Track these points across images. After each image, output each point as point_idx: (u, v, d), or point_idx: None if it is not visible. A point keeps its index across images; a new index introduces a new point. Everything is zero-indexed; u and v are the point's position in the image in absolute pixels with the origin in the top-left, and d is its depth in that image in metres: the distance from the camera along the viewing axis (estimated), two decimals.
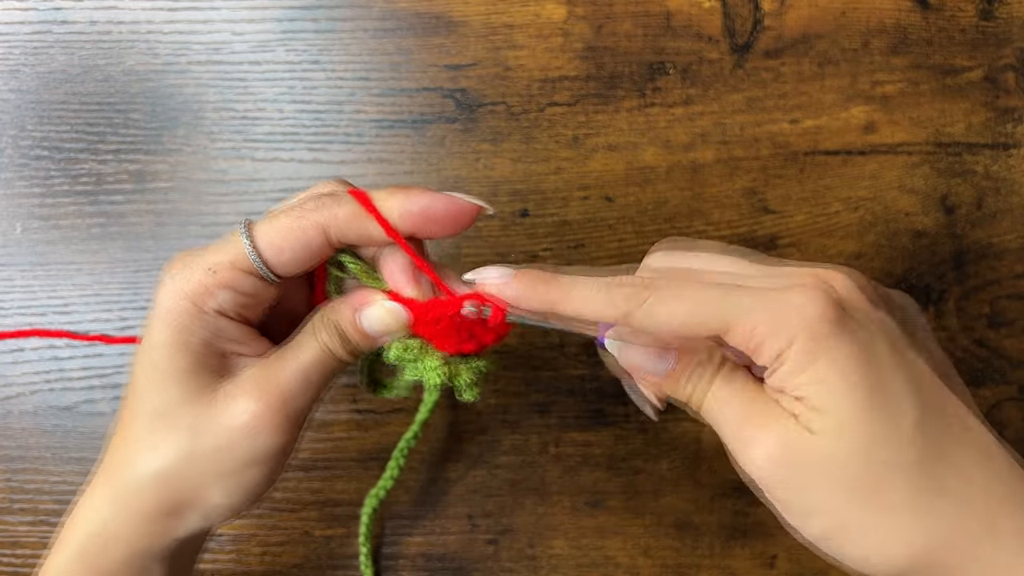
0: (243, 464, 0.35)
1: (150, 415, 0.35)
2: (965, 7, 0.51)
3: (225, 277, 0.34)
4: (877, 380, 0.30)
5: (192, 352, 0.34)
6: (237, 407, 0.34)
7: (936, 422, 0.31)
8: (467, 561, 0.51)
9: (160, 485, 0.35)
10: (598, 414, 0.51)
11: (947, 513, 0.30)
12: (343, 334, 0.35)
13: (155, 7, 0.51)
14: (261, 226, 0.34)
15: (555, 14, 0.51)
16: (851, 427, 0.30)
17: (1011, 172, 0.51)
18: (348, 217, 0.34)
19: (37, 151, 0.51)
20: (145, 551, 0.36)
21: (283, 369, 0.35)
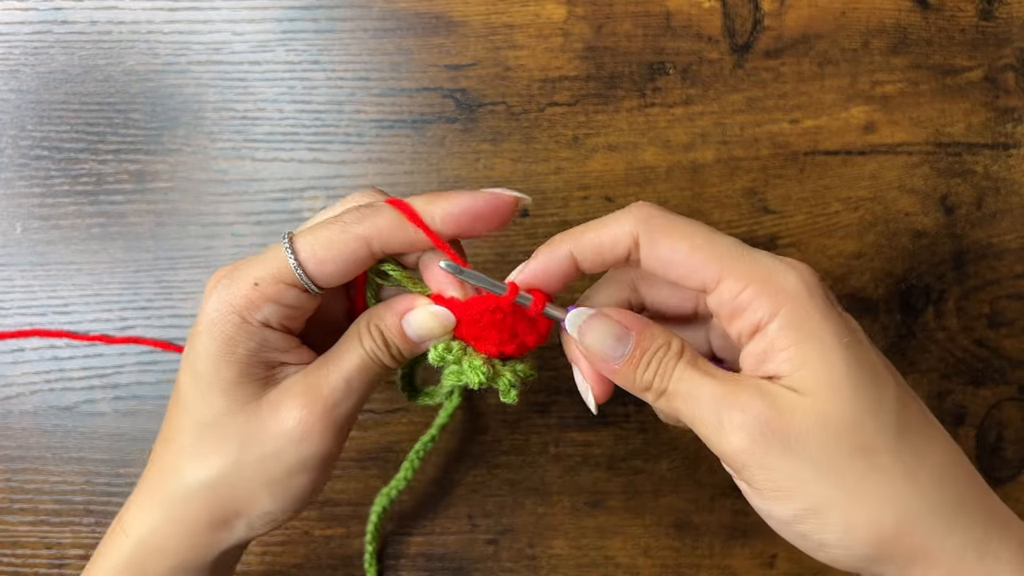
0: (291, 471, 0.35)
1: (197, 425, 0.35)
2: (965, 7, 0.51)
3: (270, 290, 0.34)
4: (862, 353, 0.32)
5: (238, 363, 0.34)
6: (283, 414, 0.35)
7: (911, 404, 0.33)
8: (467, 561, 0.51)
9: (208, 495, 0.35)
10: (598, 414, 0.51)
11: (929, 481, 0.31)
12: (387, 339, 0.36)
13: (155, 7, 0.51)
14: (304, 239, 0.34)
15: (555, 14, 0.51)
16: (842, 394, 0.31)
17: (1011, 172, 0.51)
18: (390, 227, 0.34)
19: (37, 151, 0.51)
20: (191, 562, 0.36)
21: (327, 376, 0.35)
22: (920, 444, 0.31)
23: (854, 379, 0.31)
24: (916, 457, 0.31)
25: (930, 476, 0.31)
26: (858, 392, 0.31)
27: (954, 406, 0.51)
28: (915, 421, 0.32)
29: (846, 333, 0.31)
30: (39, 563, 0.51)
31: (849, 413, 0.30)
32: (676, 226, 0.33)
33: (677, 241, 0.33)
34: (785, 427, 0.30)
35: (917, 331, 0.51)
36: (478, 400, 0.51)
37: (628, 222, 0.33)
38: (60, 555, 0.51)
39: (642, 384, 0.34)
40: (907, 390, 0.33)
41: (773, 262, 0.32)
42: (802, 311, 0.31)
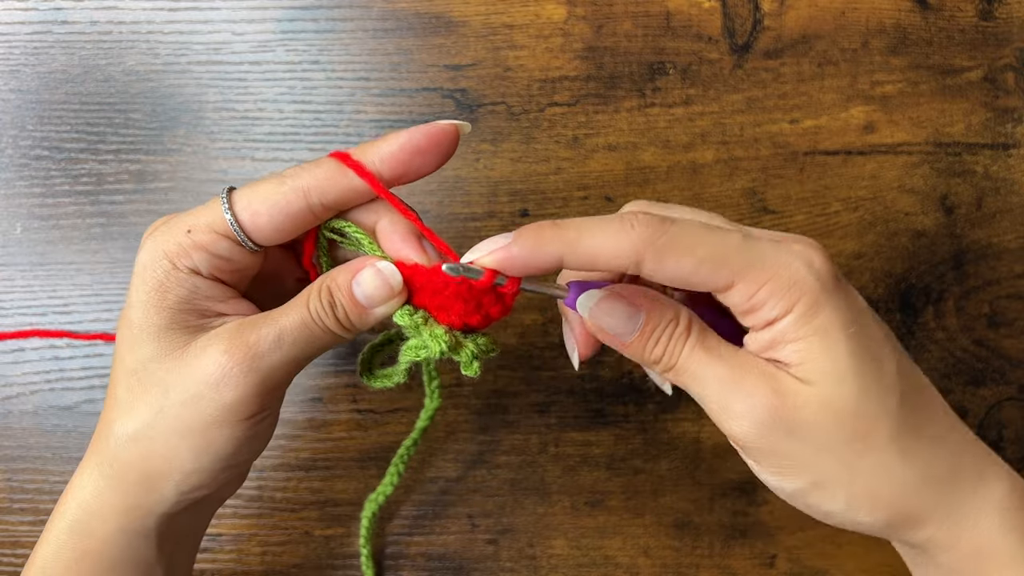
0: (208, 421, 0.34)
1: (127, 375, 0.35)
2: (965, 7, 0.51)
3: (201, 238, 0.34)
4: (867, 340, 0.33)
5: (167, 309, 0.34)
6: (204, 359, 0.34)
7: (910, 381, 0.34)
8: (467, 561, 0.51)
9: (134, 448, 0.34)
10: (598, 414, 0.51)
11: (923, 456, 0.33)
12: (334, 301, 0.34)
13: (155, 7, 0.51)
14: (241, 192, 0.34)
15: (555, 14, 0.51)
16: (847, 378, 0.32)
17: (1011, 172, 0.51)
18: (328, 177, 0.33)
19: (37, 151, 0.51)
20: (130, 526, 0.36)
21: (260, 326, 0.34)
22: (916, 422, 0.33)
23: (856, 369, 0.32)
24: (911, 434, 0.33)
25: (924, 451, 0.33)
26: (859, 381, 0.32)
27: (954, 406, 0.51)
28: (912, 399, 0.33)
29: (851, 323, 0.32)
30: None
31: (851, 402, 0.32)
32: (679, 241, 0.32)
33: (682, 257, 0.32)
34: (789, 414, 0.32)
35: (917, 331, 0.51)
36: (478, 400, 0.51)
37: (628, 240, 0.32)
38: None
39: (651, 359, 0.34)
40: (907, 368, 0.34)
41: (782, 255, 0.32)
42: (814, 305, 0.32)
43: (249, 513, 0.51)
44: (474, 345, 0.35)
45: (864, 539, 0.50)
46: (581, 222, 0.32)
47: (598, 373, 0.51)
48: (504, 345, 0.51)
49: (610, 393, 0.51)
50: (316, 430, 0.51)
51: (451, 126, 0.34)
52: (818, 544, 0.51)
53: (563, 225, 0.32)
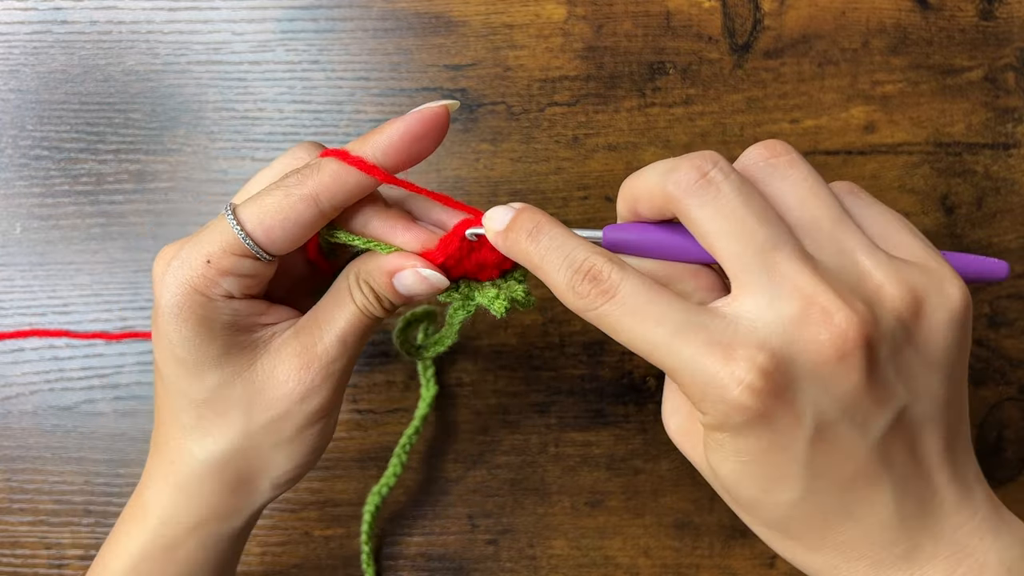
0: (300, 428, 0.36)
1: (196, 404, 0.35)
2: (965, 7, 0.51)
3: (223, 265, 0.33)
4: (776, 460, 0.29)
5: (218, 338, 0.34)
6: (282, 378, 0.35)
7: (822, 497, 0.30)
8: (467, 561, 0.51)
9: (223, 467, 0.36)
10: (598, 414, 0.51)
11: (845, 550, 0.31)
12: (378, 295, 0.35)
13: (155, 7, 0.51)
14: (248, 209, 0.33)
15: (555, 14, 0.51)
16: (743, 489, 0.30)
17: (1011, 172, 0.51)
18: (334, 180, 0.33)
19: (37, 151, 0.51)
20: (217, 532, 0.37)
21: (322, 335, 0.35)
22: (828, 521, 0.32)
23: (758, 485, 0.30)
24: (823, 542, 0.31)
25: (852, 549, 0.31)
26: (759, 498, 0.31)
27: None
28: (821, 516, 0.31)
29: (763, 442, 0.29)
30: (39, 563, 0.51)
31: (743, 505, 0.32)
32: (626, 306, 0.29)
33: (626, 327, 0.30)
34: (700, 462, 0.33)
35: None
36: (478, 400, 0.51)
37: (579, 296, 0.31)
38: (59, 555, 0.51)
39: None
40: (823, 476, 0.30)
41: (701, 359, 0.28)
42: (732, 425, 0.29)
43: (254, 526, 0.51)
44: (517, 283, 0.36)
45: None
46: (549, 248, 0.32)
47: (598, 373, 0.51)
48: (504, 345, 0.51)
49: (610, 393, 0.51)
50: None
51: (442, 107, 0.34)
52: None
53: (537, 242, 0.32)
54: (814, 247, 0.29)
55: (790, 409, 0.28)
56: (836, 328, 0.27)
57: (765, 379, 0.27)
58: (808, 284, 0.27)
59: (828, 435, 0.28)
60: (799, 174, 0.30)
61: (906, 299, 0.28)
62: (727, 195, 0.29)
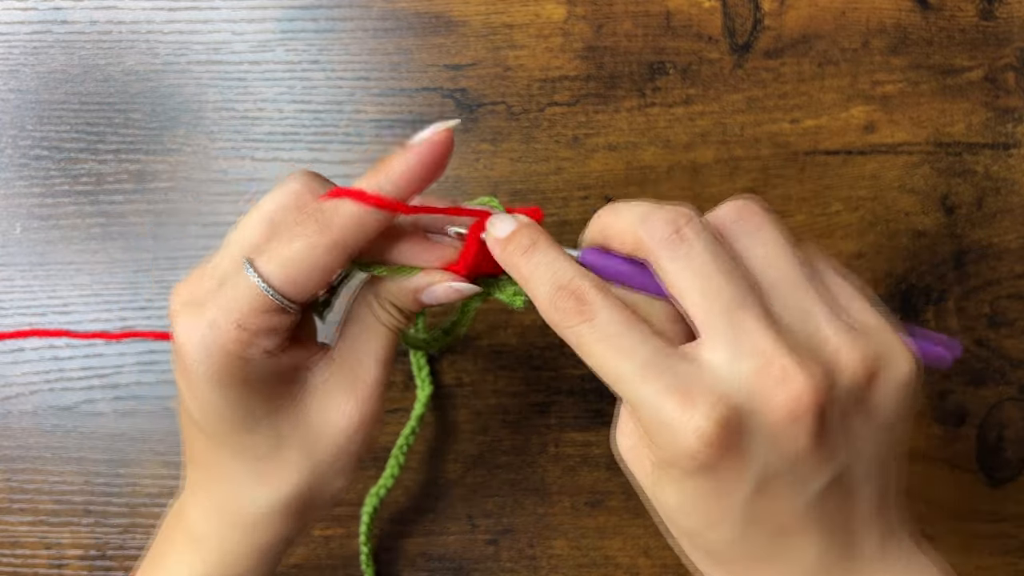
0: (356, 453, 0.37)
1: (248, 458, 0.35)
2: (965, 7, 0.51)
3: (255, 326, 0.32)
4: (714, 513, 0.30)
5: (263, 396, 0.34)
6: (336, 415, 0.35)
7: (754, 540, 0.31)
8: (467, 561, 0.51)
9: (289, 509, 0.36)
10: (598, 414, 0.51)
11: None
12: (400, 311, 0.36)
13: (155, 7, 0.51)
14: (270, 265, 0.32)
15: (555, 14, 0.51)
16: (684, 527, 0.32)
17: (1011, 172, 0.51)
18: (355, 222, 0.33)
19: (37, 151, 0.51)
20: (277, 553, 0.39)
21: (361, 362, 0.36)
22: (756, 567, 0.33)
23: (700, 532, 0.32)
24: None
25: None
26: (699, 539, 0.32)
27: (954, 406, 0.51)
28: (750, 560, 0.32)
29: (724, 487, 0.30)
30: (39, 563, 0.51)
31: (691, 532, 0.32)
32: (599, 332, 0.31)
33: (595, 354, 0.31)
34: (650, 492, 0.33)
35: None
36: (478, 400, 0.51)
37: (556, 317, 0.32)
38: (60, 555, 0.51)
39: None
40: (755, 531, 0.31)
41: (666, 414, 0.29)
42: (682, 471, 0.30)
43: None
44: None
45: None
46: (537, 265, 0.32)
47: None
48: (504, 345, 0.51)
49: (610, 393, 0.51)
50: None
51: (446, 131, 0.34)
52: None
53: (529, 258, 0.33)
54: (778, 307, 0.30)
55: (738, 461, 0.29)
56: (792, 390, 0.28)
57: (719, 430, 0.28)
58: (769, 345, 0.28)
59: (769, 488, 0.29)
60: (768, 235, 0.32)
61: (861, 367, 0.29)
62: (698, 253, 0.30)
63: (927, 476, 0.51)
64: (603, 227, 0.33)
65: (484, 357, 0.51)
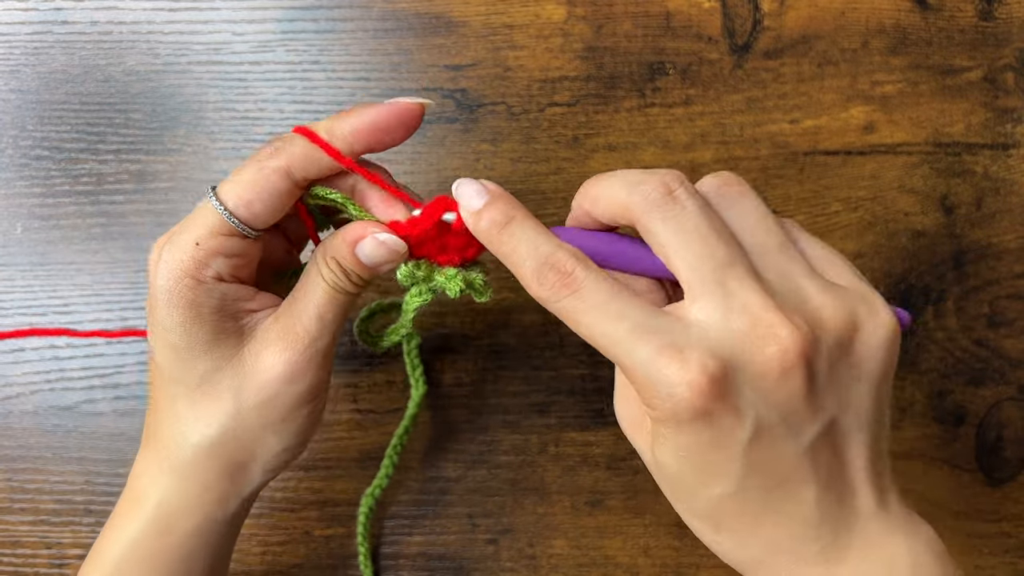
0: (291, 409, 0.37)
1: (188, 389, 0.36)
2: (965, 7, 0.51)
3: (212, 245, 0.35)
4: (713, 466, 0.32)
5: (209, 322, 0.35)
6: (269, 360, 0.36)
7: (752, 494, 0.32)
8: (467, 561, 0.51)
9: (217, 451, 0.37)
10: (598, 414, 0.51)
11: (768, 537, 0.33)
12: (344, 269, 0.36)
13: (156, 7, 0.51)
14: (226, 187, 0.35)
15: (555, 14, 0.51)
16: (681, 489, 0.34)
17: (1010, 172, 0.51)
18: (305, 154, 0.35)
19: (38, 151, 0.51)
20: (212, 516, 0.38)
21: (300, 315, 0.36)
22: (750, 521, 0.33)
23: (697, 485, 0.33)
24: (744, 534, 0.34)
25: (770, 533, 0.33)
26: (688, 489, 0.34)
27: (954, 406, 0.51)
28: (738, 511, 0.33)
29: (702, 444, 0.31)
30: (39, 563, 0.51)
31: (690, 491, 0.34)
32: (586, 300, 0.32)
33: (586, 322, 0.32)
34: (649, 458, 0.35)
35: (917, 331, 0.51)
36: (478, 400, 0.51)
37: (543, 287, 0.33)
38: (60, 555, 0.51)
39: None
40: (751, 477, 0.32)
41: (654, 368, 0.30)
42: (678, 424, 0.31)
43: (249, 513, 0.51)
44: (479, 274, 0.37)
45: None
46: (520, 238, 0.33)
47: (598, 373, 0.51)
48: (504, 345, 0.51)
49: (610, 393, 0.51)
50: None
51: (417, 105, 0.36)
52: None
53: (510, 231, 0.34)
54: (762, 268, 0.32)
55: (732, 412, 0.30)
56: (781, 343, 0.30)
57: (712, 382, 0.29)
58: (757, 301, 0.30)
59: (764, 438, 0.31)
60: (751, 203, 0.33)
61: (844, 321, 0.31)
62: (690, 212, 0.31)
63: (927, 476, 0.51)
64: (591, 195, 0.34)
65: (484, 357, 0.51)
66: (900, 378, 0.51)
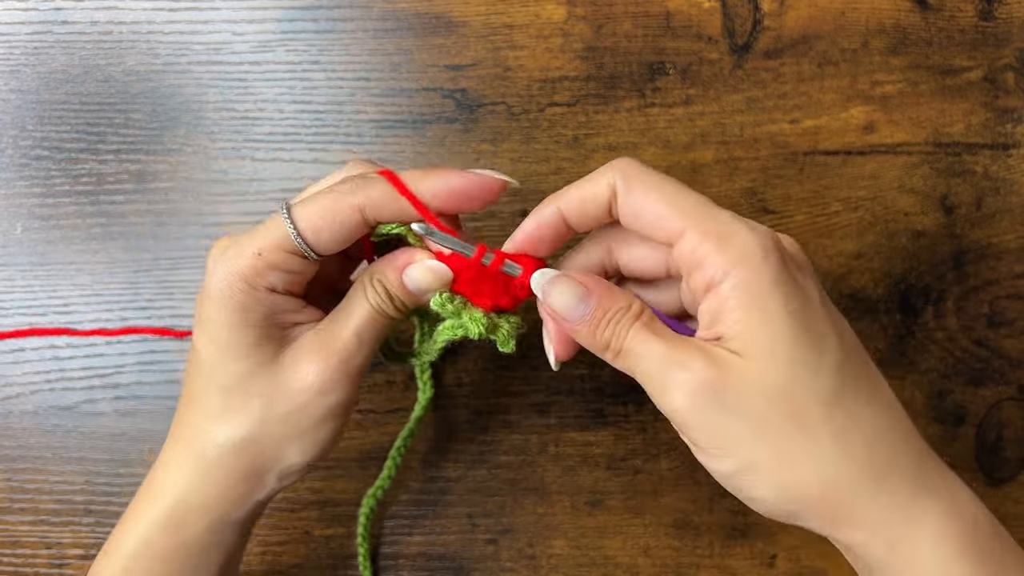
0: (317, 421, 0.38)
1: (222, 389, 0.37)
2: (965, 7, 0.51)
3: (273, 259, 0.36)
4: (809, 319, 0.33)
5: (254, 327, 0.37)
6: (303, 370, 0.37)
7: (853, 370, 0.33)
8: (467, 561, 0.51)
9: (240, 452, 0.38)
10: (598, 414, 0.51)
11: (857, 446, 0.32)
12: (389, 292, 0.38)
13: (156, 7, 0.51)
14: (301, 209, 0.36)
15: (555, 14, 0.51)
16: (779, 361, 0.32)
17: (1010, 172, 0.51)
18: (382, 198, 0.36)
19: (38, 151, 0.51)
20: (226, 516, 0.39)
21: (339, 331, 0.37)
22: (855, 409, 0.33)
23: (793, 346, 0.32)
24: (849, 421, 0.32)
25: (862, 441, 0.32)
26: (795, 359, 0.32)
27: (954, 406, 0.51)
28: (853, 386, 0.33)
29: (795, 300, 0.32)
30: (39, 563, 0.51)
31: (783, 380, 0.32)
32: (650, 178, 0.35)
33: (649, 192, 0.34)
34: (723, 387, 0.32)
35: (917, 331, 0.51)
36: (478, 400, 0.51)
37: (608, 174, 0.35)
38: (60, 555, 0.51)
39: (601, 344, 0.35)
40: (853, 353, 0.34)
41: (735, 223, 0.33)
42: (753, 274, 0.32)
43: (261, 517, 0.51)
44: (507, 324, 0.39)
45: None
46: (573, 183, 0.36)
47: (598, 373, 0.51)
48: None
49: (610, 393, 0.51)
50: None
51: (499, 182, 0.37)
52: (818, 544, 0.51)
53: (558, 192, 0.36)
54: None
55: (791, 267, 0.33)
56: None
57: (782, 249, 0.33)
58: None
59: (794, 300, 0.33)
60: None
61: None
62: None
63: None
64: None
65: (484, 357, 0.51)
66: (900, 378, 0.51)
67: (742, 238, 0.33)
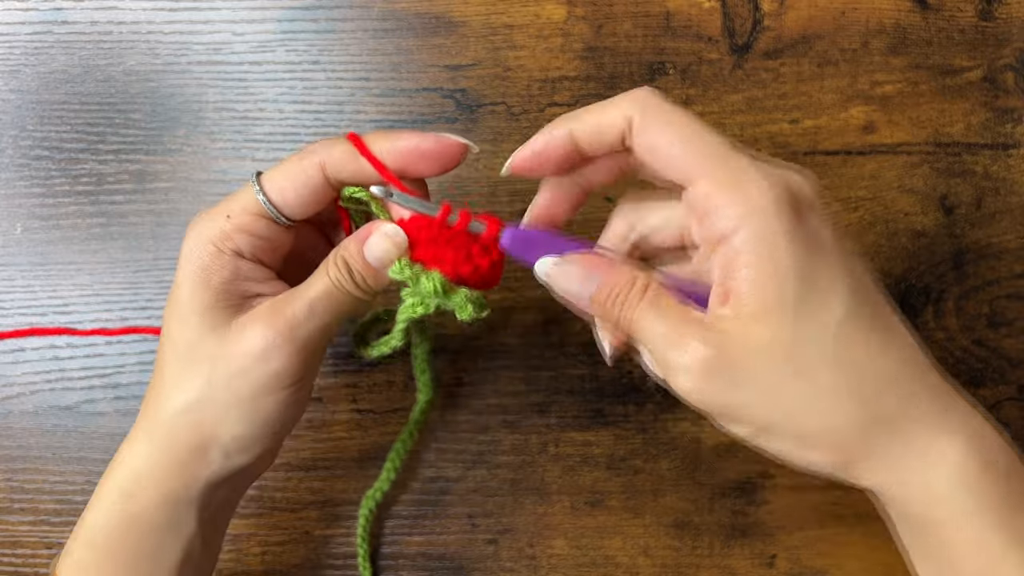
0: (257, 390, 0.37)
1: (178, 353, 0.38)
2: (964, 7, 0.51)
3: (240, 221, 0.37)
4: (819, 271, 0.32)
5: (212, 289, 0.37)
6: (247, 334, 0.37)
7: (865, 319, 0.33)
8: (467, 561, 0.51)
9: (187, 419, 0.37)
10: (598, 414, 0.51)
11: (868, 392, 0.32)
12: (351, 267, 0.37)
13: (156, 7, 0.51)
14: (268, 173, 0.37)
15: (555, 14, 0.51)
16: (787, 310, 0.32)
17: (1010, 172, 0.51)
18: (342, 156, 0.37)
19: (38, 151, 0.51)
20: (176, 493, 0.38)
21: (292, 300, 0.37)
22: (865, 358, 0.33)
23: (801, 301, 0.32)
24: (858, 370, 0.32)
25: (872, 388, 0.32)
26: (802, 314, 0.32)
27: None
28: (864, 334, 0.33)
29: (805, 252, 0.32)
30: (39, 563, 0.51)
31: (790, 338, 0.32)
32: (668, 115, 0.34)
33: (666, 128, 0.33)
34: (725, 364, 0.32)
35: (917, 331, 0.51)
36: (478, 400, 0.51)
37: (626, 103, 0.34)
38: None
39: (613, 320, 0.35)
40: (864, 299, 0.33)
41: (750, 170, 0.33)
42: (765, 227, 0.32)
43: (249, 513, 0.51)
44: (466, 291, 0.38)
45: (866, 538, 0.50)
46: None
47: (598, 373, 0.51)
48: (504, 345, 0.51)
49: (610, 393, 0.51)
50: (316, 430, 0.51)
51: (461, 144, 0.37)
52: (818, 544, 0.51)
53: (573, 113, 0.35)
54: None
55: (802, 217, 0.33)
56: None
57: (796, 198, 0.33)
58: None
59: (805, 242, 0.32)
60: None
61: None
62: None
63: None
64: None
65: (484, 357, 0.51)
66: None
67: (755, 188, 0.32)
